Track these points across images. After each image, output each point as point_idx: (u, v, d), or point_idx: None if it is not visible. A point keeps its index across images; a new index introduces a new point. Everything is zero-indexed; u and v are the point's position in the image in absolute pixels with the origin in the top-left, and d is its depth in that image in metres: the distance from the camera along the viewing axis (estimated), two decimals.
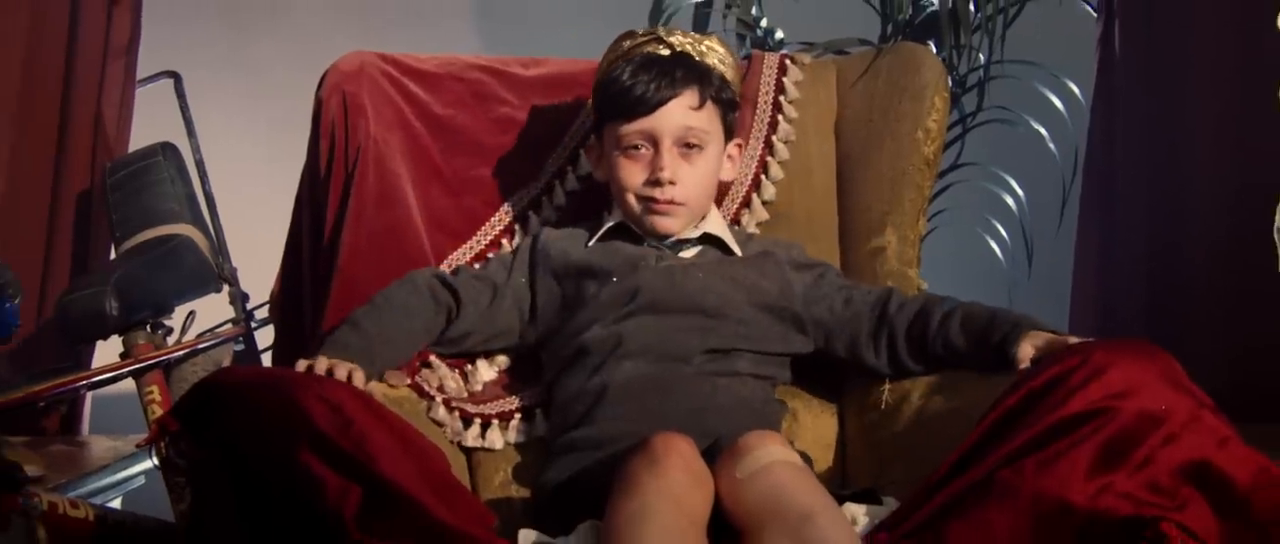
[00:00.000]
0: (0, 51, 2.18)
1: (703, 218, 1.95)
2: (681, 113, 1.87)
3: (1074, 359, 1.41)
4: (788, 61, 2.28)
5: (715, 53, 1.95)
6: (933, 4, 2.89)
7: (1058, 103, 2.97)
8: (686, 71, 1.89)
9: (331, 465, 1.34)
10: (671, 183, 1.86)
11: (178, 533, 1.76)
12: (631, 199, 1.88)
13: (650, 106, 1.86)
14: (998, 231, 3.09)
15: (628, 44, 1.96)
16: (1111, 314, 2.81)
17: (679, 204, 1.87)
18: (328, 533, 1.35)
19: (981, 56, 2.82)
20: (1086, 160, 2.95)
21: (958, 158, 2.89)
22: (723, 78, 1.94)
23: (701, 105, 1.87)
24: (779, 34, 2.95)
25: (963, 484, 1.41)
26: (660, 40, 1.94)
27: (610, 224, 1.93)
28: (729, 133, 1.96)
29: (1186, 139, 2.63)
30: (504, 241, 2.06)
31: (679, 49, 1.92)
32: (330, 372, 1.58)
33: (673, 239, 1.91)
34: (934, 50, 2.67)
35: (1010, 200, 3.01)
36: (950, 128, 2.61)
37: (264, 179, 2.65)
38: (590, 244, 1.96)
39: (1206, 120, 2.58)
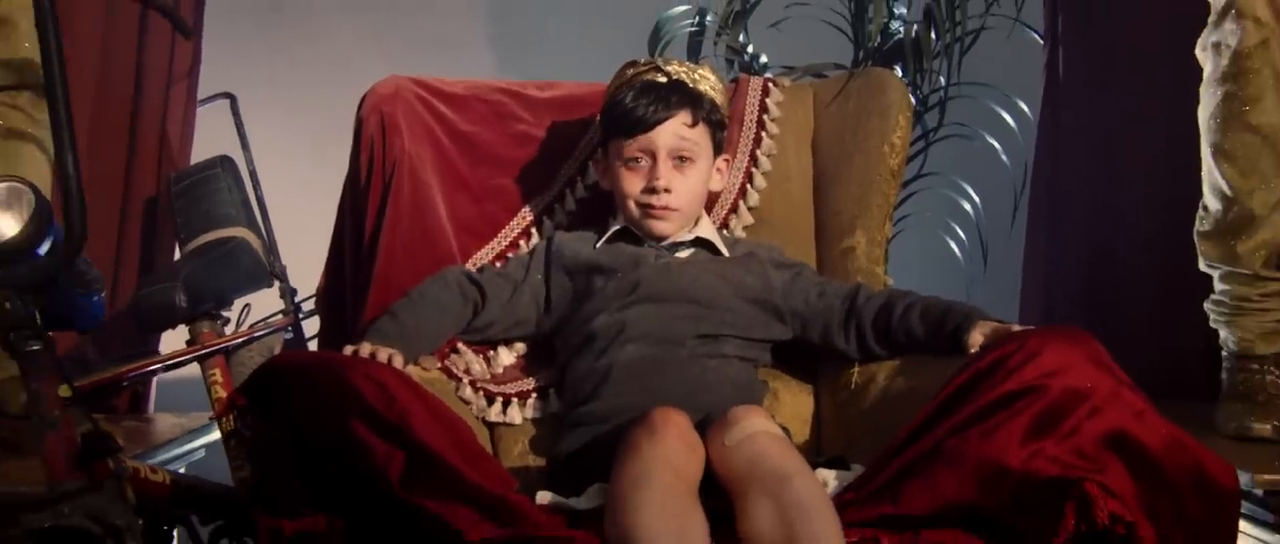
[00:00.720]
0: (76, 77, 2.17)
1: (696, 224, 2.00)
2: (675, 130, 1.92)
3: (1013, 345, 1.47)
4: (770, 84, 2.31)
5: (707, 80, 1.99)
6: (899, 32, 2.87)
7: (1009, 120, 2.97)
8: (681, 96, 1.94)
9: (378, 434, 1.41)
10: (667, 190, 1.91)
11: (240, 494, 1.81)
12: (632, 205, 1.93)
13: (649, 125, 1.91)
14: (957, 234, 3.09)
15: (631, 72, 2.01)
16: (1055, 306, 2.82)
17: (673, 209, 1.92)
18: (375, 491, 1.41)
19: (942, 79, 2.82)
20: (1034, 171, 2.96)
21: (921, 168, 2.90)
22: (713, 102, 1.99)
23: (694, 125, 1.93)
24: (763, 58, 2.95)
25: (917, 451, 1.47)
26: (659, 69, 1.99)
27: (615, 228, 1.98)
28: (718, 149, 2.00)
29: (1122, 153, 2.63)
30: (521, 243, 2.11)
31: (675, 77, 1.97)
32: (373, 355, 1.64)
33: (668, 241, 1.95)
34: (899, 74, 2.66)
35: (967, 206, 3.01)
36: (914, 142, 2.70)
37: (308, 188, 2.64)
38: (598, 245, 2.00)
39: (1139, 136, 2.58)
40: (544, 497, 1.55)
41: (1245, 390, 1.98)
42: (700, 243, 1.99)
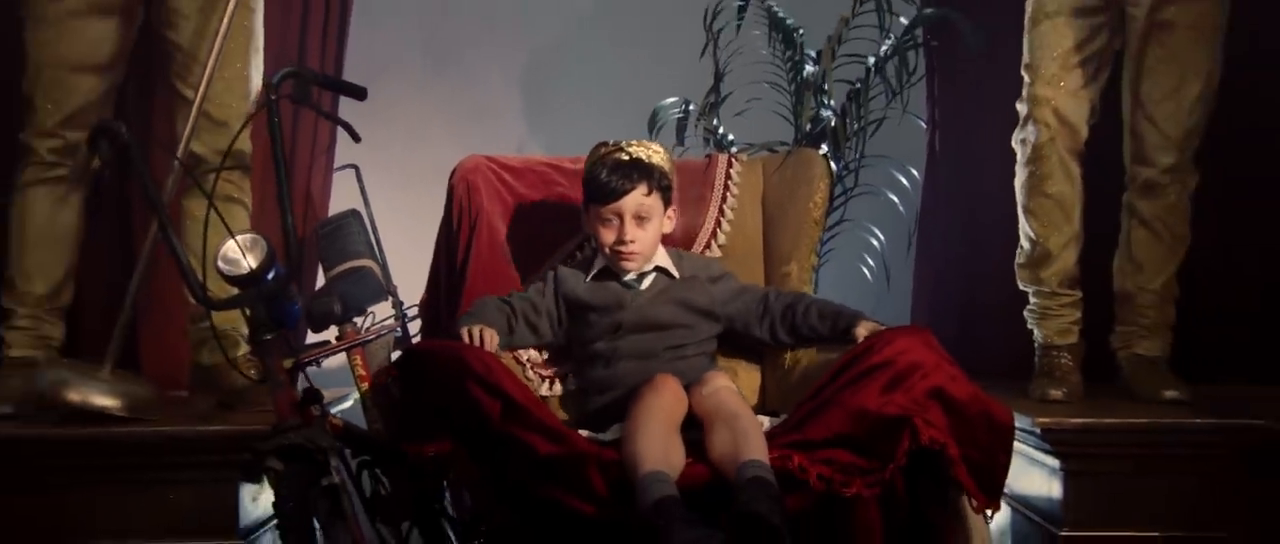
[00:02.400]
0: (257, 151, 2.47)
1: (654, 255, 2.22)
2: (636, 199, 2.14)
3: (878, 336, 1.87)
4: (733, 159, 2.61)
5: (658, 155, 2.20)
6: (825, 120, 3.01)
7: (904, 182, 3.16)
8: (639, 172, 2.15)
9: (483, 390, 1.80)
10: (632, 241, 2.15)
11: (377, 440, 2.03)
12: (607, 250, 2.17)
13: (617, 195, 2.13)
14: (868, 262, 3.23)
15: (603, 151, 2.21)
16: (935, 313, 2.96)
17: (636, 254, 2.16)
18: (482, 427, 1.79)
19: (856, 153, 3.01)
20: (921, 218, 3.10)
21: (841, 217, 3.06)
22: (662, 171, 2.18)
23: (650, 193, 2.15)
24: (730, 136, 3.10)
25: (817, 402, 1.84)
26: (622, 150, 2.19)
27: (600, 266, 2.22)
28: (667, 205, 2.21)
29: (981, 207, 2.86)
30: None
31: (634, 156, 2.18)
32: (481, 334, 1.98)
33: (635, 273, 2.19)
34: (826, 150, 2.90)
35: (875, 243, 3.17)
36: (836, 198, 2.91)
37: (410, 232, 2.88)
38: (588, 281, 2.22)
39: (995, 195, 2.69)
40: (583, 432, 1.91)
41: (1047, 369, 2.39)
42: (659, 269, 2.22)
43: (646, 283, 2.21)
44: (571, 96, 3.74)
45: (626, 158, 2.17)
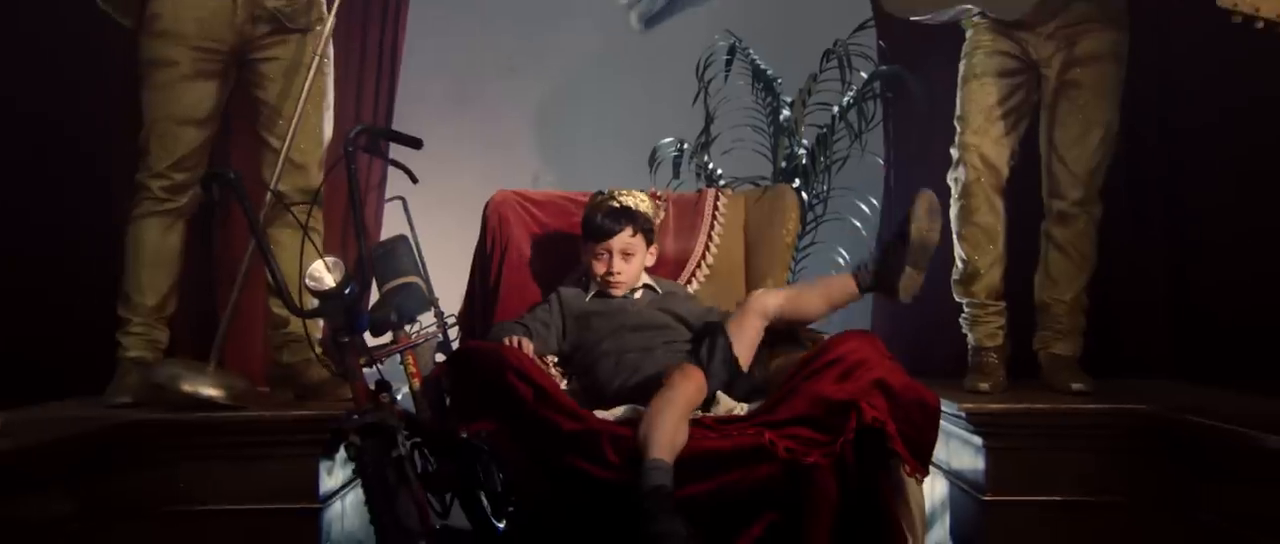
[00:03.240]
0: (330, 192, 2.77)
1: (640, 281, 2.55)
2: (623, 239, 2.50)
3: (834, 339, 2.20)
4: (720, 193, 2.92)
5: (643, 204, 2.56)
6: (799, 157, 3.34)
7: (865, 209, 3.43)
8: (626, 217, 2.51)
9: (520, 380, 2.13)
10: (618, 273, 2.50)
11: (426, 424, 2.19)
12: (598, 279, 2.51)
13: (606, 235, 2.49)
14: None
15: (599, 199, 2.58)
16: (894, 320, 3.08)
17: (622, 282, 2.51)
18: (518, 409, 2.11)
19: (824, 186, 3.33)
20: (878, 241, 3.18)
21: (812, 240, 3.33)
22: (646, 217, 2.54)
23: (634, 235, 2.51)
24: (719, 172, 3.38)
25: (785, 391, 2.16)
26: (614, 198, 2.55)
27: (596, 289, 2.54)
28: (650, 244, 2.56)
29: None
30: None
31: (623, 204, 2.54)
32: (519, 342, 2.33)
33: (624, 295, 2.52)
34: (798, 183, 3.25)
35: (841, 261, 3.44)
36: (807, 224, 3.25)
37: (438, 251, 2.86)
38: (589, 299, 2.54)
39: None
40: (597, 413, 2.21)
41: (977, 366, 2.71)
42: (646, 286, 2.57)
43: (638, 295, 2.54)
44: (580, 134, 4.00)
45: (617, 205, 2.53)
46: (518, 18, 4.03)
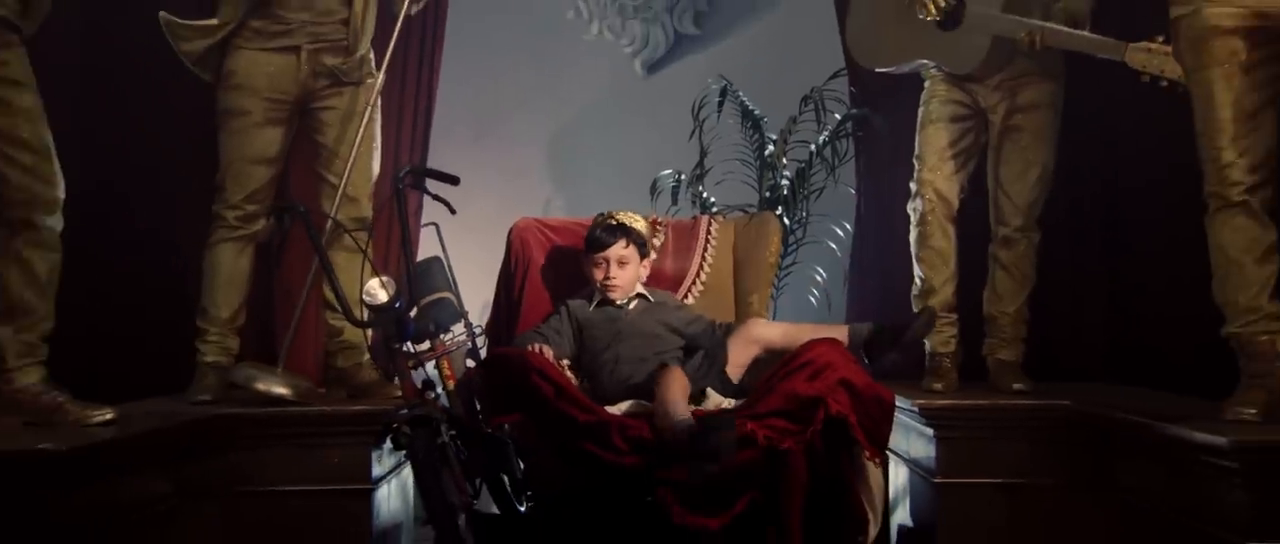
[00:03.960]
0: (378, 231, 3.07)
1: (635, 288, 2.81)
2: (618, 249, 2.78)
3: (806, 345, 2.49)
4: (712, 220, 3.19)
5: (636, 222, 2.83)
6: (782, 187, 3.65)
7: (840, 232, 3.72)
8: (620, 231, 2.79)
9: (543, 379, 2.42)
10: (613, 278, 2.78)
11: (460, 419, 2.47)
12: (598, 285, 2.79)
13: (604, 246, 2.79)
14: (814, 293, 3.81)
15: (599, 218, 2.85)
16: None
17: (618, 287, 2.78)
18: (541, 404, 2.39)
19: (803, 213, 3.63)
20: (851, 261, 3.58)
21: (794, 260, 3.65)
22: (639, 233, 2.82)
23: (627, 246, 2.80)
24: (712, 199, 3.71)
25: (764, 389, 2.46)
26: (612, 216, 2.83)
27: (598, 298, 2.81)
28: (644, 256, 2.83)
29: (894, 252, 3.18)
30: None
31: (619, 221, 2.83)
32: (541, 349, 2.62)
33: (620, 302, 2.79)
34: (780, 211, 3.54)
35: (819, 278, 3.76)
36: (789, 246, 3.57)
37: (470, 274, 3.07)
38: (590, 309, 2.80)
39: (902, 245, 3.06)
40: (606, 407, 2.52)
41: (933, 369, 2.97)
42: (639, 296, 2.83)
43: (632, 306, 2.81)
44: (589, 165, 4.27)
45: (613, 222, 2.83)
46: (533, 58, 4.30)
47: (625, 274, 2.81)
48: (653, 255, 2.96)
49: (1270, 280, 2.32)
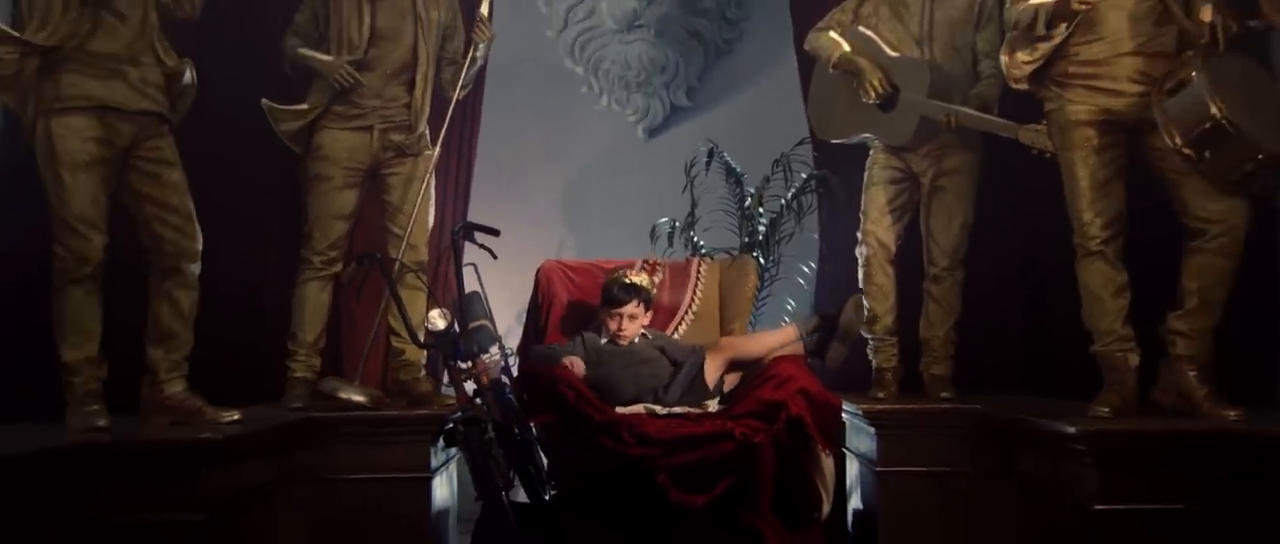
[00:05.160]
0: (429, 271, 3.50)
1: (639, 331, 3.27)
2: (630, 307, 3.24)
3: (773, 362, 3.06)
4: (702, 261, 3.72)
5: (645, 280, 3.31)
6: (759, 234, 4.10)
7: (806, 270, 4.17)
8: (633, 292, 3.25)
9: (568, 388, 2.94)
10: (623, 330, 3.25)
11: (498, 423, 3.30)
12: (611, 332, 3.26)
13: (619, 304, 3.25)
14: (785, 319, 4.15)
15: (615, 275, 3.30)
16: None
17: (626, 336, 3.24)
18: (567, 408, 2.90)
19: (776, 255, 4.11)
20: (815, 294, 3.99)
21: (769, 293, 4.11)
22: (647, 292, 3.27)
23: (637, 305, 3.25)
24: (702, 244, 4.12)
25: (740, 396, 3.01)
26: (626, 276, 3.29)
27: (608, 337, 3.27)
28: (648, 310, 3.30)
29: (847, 287, 3.56)
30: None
31: (632, 281, 3.28)
32: (572, 363, 3.16)
33: (625, 344, 3.26)
34: (757, 253, 4.04)
35: (789, 307, 4.23)
36: (765, 282, 4.07)
37: (496, 305, 3.36)
38: (602, 343, 3.25)
39: (853, 281, 3.51)
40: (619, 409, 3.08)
41: (877, 381, 3.47)
42: (642, 335, 3.30)
43: (638, 340, 3.32)
44: (596, 212, 4.63)
45: (628, 282, 3.31)
46: (552, 124, 4.70)
47: (633, 326, 3.28)
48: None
49: (1123, 310, 2.91)
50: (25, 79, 2.73)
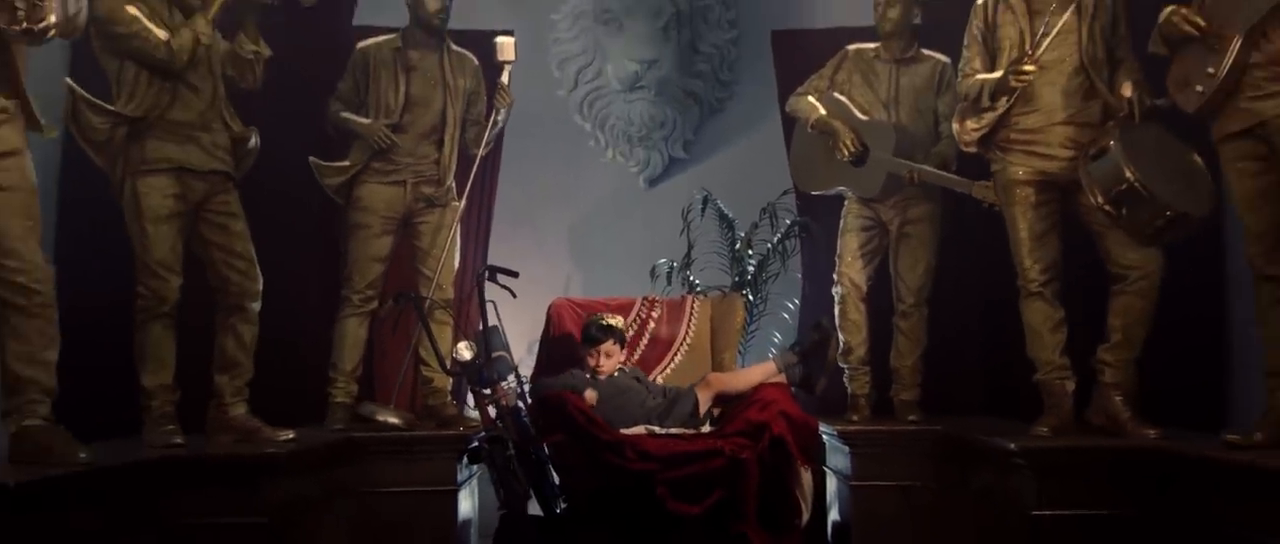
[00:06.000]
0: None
1: (615, 367, 3.55)
2: (607, 345, 3.54)
3: (756, 388, 3.41)
4: (696, 299, 4.04)
5: (619, 323, 3.61)
6: (748, 273, 4.33)
7: (790, 307, 4.45)
8: (610, 332, 3.56)
9: (576, 412, 3.28)
10: (601, 366, 3.53)
11: (515, 442, 3.68)
12: (590, 368, 3.55)
13: (596, 342, 3.56)
14: (771, 352, 4.28)
15: (592, 318, 3.60)
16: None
17: (603, 371, 3.53)
18: (576, 429, 3.23)
19: (763, 293, 4.35)
20: (799, 328, 4.31)
21: (757, 327, 4.36)
22: (621, 332, 3.58)
23: (614, 343, 3.56)
24: (697, 282, 4.35)
25: (729, 418, 3.35)
26: (604, 319, 3.58)
27: (589, 371, 3.55)
28: (623, 348, 3.62)
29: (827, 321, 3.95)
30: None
31: (607, 323, 3.57)
32: (583, 392, 3.55)
33: (603, 377, 3.52)
34: (746, 291, 4.35)
35: (776, 339, 4.43)
36: (753, 317, 4.36)
37: (519, 338, 3.87)
38: (586, 377, 3.55)
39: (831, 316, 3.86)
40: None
41: (852, 405, 3.81)
42: (620, 369, 3.60)
43: (617, 374, 3.63)
44: (601, 252, 4.81)
45: (604, 324, 3.61)
46: (561, 173, 4.87)
47: (610, 362, 3.59)
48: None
49: (1061, 343, 3.30)
50: (115, 145, 3.12)
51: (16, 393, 2.53)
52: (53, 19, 2.36)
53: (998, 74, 3.26)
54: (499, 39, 3.77)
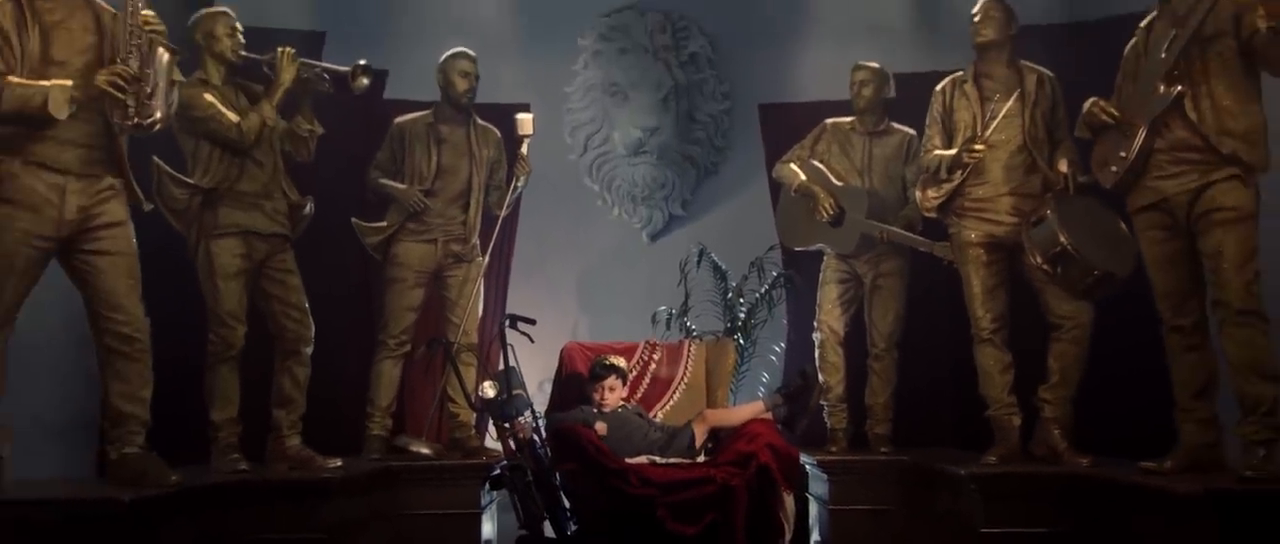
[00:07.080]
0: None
1: (618, 402, 3.77)
2: (611, 381, 3.77)
3: (745, 423, 3.75)
4: (692, 343, 4.31)
5: (623, 361, 3.86)
6: (739, 319, 4.60)
7: (777, 349, 4.70)
8: (614, 371, 3.79)
9: (586, 441, 3.60)
10: (605, 400, 3.74)
11: (531, 470, 4.07)
12: (595, 402, 3.78)
13: (602, 379, 3.79)
14: (760, 391, 4.64)
15: (598, 358, 3.85)
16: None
17: (607, 405, 3.74)
18: (587, 458, 3.55)
19: (753, 337, 4.63)
20: (784, 369, 4.65)
21: (748, 368, 4.62)
22: (623, 371, 3.81)
23: (619, 380, 3.79)
24: (693, 328, 4.61)
25: (720, 448, 3.70)
26: (609, 358, 3.83)
27: (596, 406, 3.78)
28: (624, 384, 3.82)
29: (810, 363, 4.54)
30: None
31: (613, 363, 3.82)
32: (593, 425, 3.89)
33: (607, 411, 3.74)
34: (738, 336, 4.66)
35: (764, 379, 4.71)
36: (744, 360, 4.66)
37: (536, 373, 4.24)
38: (593, 411, 3.76)
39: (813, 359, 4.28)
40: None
41: (832, 438, 4.18)
42: (622, 404, 3.82)
43: (620, 410, 3.84)
44: (606, 299, 5.05)
45: (608, 363, 3.89)
46: (570, 229, 5.13)
47: (613, 397, 3.85)
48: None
49: (1009, 383, 3.71)
50: (191, 212, 3.58)
51: (118, 425, 2.95)
52: (159, 114, 2.81)
53: (953, 151, 3.72)
54: (519, 115, 4.20)
